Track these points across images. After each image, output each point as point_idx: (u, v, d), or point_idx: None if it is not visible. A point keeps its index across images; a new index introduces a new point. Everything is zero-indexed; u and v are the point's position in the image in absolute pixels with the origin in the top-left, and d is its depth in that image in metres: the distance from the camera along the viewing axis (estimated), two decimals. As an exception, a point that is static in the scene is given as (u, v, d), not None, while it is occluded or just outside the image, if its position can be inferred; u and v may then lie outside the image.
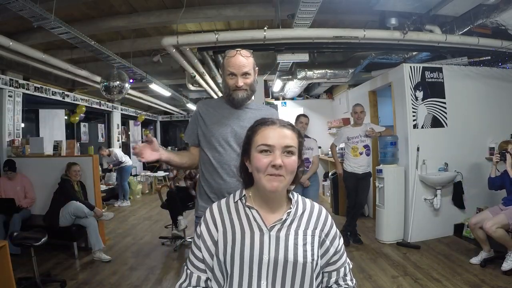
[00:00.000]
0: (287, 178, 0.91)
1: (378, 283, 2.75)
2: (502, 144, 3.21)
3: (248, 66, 1.44)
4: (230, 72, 1.43)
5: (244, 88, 1.44)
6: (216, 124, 1.47)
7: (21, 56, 3.78)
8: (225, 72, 1.46)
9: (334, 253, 0.96)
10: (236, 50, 1.44)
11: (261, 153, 0.91)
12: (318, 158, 3.77)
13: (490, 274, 2.75)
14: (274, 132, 0.92)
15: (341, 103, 6.27)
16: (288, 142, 0.91)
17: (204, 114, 1.51)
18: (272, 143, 0.90)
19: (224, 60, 1.47)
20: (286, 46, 3.66)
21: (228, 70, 1.43)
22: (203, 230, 0.97)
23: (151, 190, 8.19)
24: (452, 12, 3.08)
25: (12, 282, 2.33)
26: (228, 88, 1.46)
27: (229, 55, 1.43)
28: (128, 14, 3.40)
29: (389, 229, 3.76)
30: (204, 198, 1.50)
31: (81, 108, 6.36)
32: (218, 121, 1.48)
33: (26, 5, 2.29)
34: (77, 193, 3.64)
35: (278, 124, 0.94)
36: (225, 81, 1.47)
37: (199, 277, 0.95)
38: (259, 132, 0.94)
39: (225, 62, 1.46)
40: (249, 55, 1.45)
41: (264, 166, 0.90)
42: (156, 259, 3.50)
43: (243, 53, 1.43)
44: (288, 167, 0.90)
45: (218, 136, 1.46)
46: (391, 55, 4.05)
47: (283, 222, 0.93)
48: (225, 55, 1.47)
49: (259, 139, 0.93)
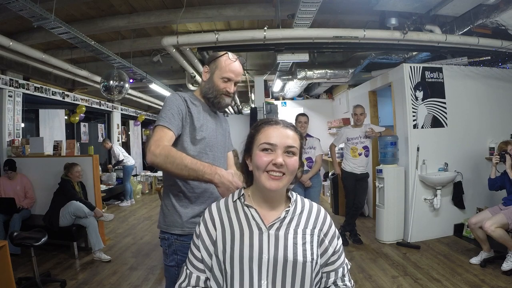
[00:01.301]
0: (287, 177, 0.92)
1: (378, 283, 2.75)
2: (501, 145, 3.20)
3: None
4: (226, 77, 1.35)
5: (231, 96, 1.40)
6: (205, 125, 1.34)
7: (21, 56, 3.78)
8: (218, 73, 1.35)
9: (332, 253, 0.96)
10: (235, 56, 1.38)
11: (263, 151, 0.92)
12: (322, 157, 3.67)
13: (490, 274, 2.75)
14: (277, 131, 0.93)
15: (341, 103, 6.28)
16: (291, 143, 0.92)
17: (193, 111, 1.33)
18: (274, 142, 0.91)
19: (220, 60, 1.36)
20: (286, 46, 3.66)
21: (226, 74, 1.35)
22: (202, 230, 0.97)
23: (151, 190, 8.19)
24: (452, 12, 3.08)
25: (12, 282, 2.33)
26: (216, 90, 1.35)
27: (230, 58, 1.36)
28: (128, 14, 3.39)
29: (389, 229, 3.76)
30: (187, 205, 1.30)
31: (81, 108, 6.36)
32: (207, 123, 1.35)
33: (26, 5, 2.28)
34: (78, 193, 3.64)
35: (281, 125, 0.95)
36: (213, 81, 1.36)
37: (198, 277, 0.96)
38: (262, 131, 0.95)
39: (222, 63, 1.35)
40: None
41: (265, 164, 0.91)
42: (156, 259, 3.50)
43: (240, 61, 1.39)
44: (290, 166, 0.91)
45: (209, 140, 1.35)
46: (391, 55, 4.05)
47: (282, 220, 0.94)
48: (219, 55, 1.37)
49: (262, 138, 0.94)
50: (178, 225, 1.29)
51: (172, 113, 1.26)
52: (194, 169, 1.12)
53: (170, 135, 1.23)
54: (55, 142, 4.30)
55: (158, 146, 1.17)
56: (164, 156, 1.15)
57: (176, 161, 1.14)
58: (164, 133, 1.22)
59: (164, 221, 1.33)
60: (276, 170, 0.90)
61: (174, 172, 1.16)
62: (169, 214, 1.31)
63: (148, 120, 10.49)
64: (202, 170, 1.13)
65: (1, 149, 4.34)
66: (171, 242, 1.29)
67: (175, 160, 1.14)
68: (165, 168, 1.16)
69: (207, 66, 1.40)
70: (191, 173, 1.13)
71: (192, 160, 1.14)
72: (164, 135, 1.21)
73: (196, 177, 1.14)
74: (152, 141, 1.20)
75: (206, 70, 1.40)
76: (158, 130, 1.23)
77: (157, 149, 1.16)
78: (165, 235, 1.32)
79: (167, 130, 1.23)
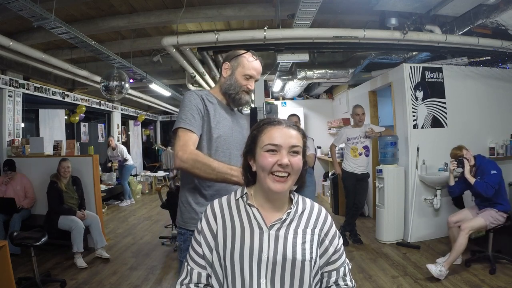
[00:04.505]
0: (292, 177, 0.92)
1: (378, 283, 2.75)
2: (455, 151, 3.13)
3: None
4: (248, 74, 1.39)
5: (250, 93, 1.45)
6: (221, 123, 1.36)
7: (21, 56, 3.78)
8: (240, 70, 1.39)
9: (333, 252, 0.97)
10: (257, 55, 1.43)
11: (267, 152, 0.92)
12: (314, 157, 3.70)
13: (490, 274, 2.75)
14: (280, 132, 0.93)
15: (341, 103, 6.28)
16: (294, 142, 0.93)
17: (209, 109, 1.35)
18: (279, 143, 0.92)
19: (242, 58, 1.40)
20: (286, 46, 3.66)
21: (248, 71, 1.39)
22: (204, 225, 0.98)
23: (151, 190, 8.19)
24: (452, 12, 3.08)
25: (12, 282, 2.33)
26: (238, 87, 1.39)
27: (253, 56, 1.41)
28: (128, 14, 3.40)
29: (389, 229, 3.76)
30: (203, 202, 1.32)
31: (81, 108, 6.37)
32: (223, 121, 1.37)
33: (26, 5, 2.29)
34: (65, 193, 3.51)
35: (284, 125, 0.95)
36: (235, 78, 1.39)
37: (200, 274, 0.96)
38: (265, 131, 0.95)
39: (244, 61, 1.40)
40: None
41: (270, 165, 0.91)
42: (156, 259, 3.50)
43: (260, 60, 1.44)
44: (294, 166, 0.91)
45: (226, 138, 1.36)
46: (391, 55, 4.05)
47: (283, 221, 0.94)
48: (241, 53, 1.41)
49: (265, 139, 0.94)
50: (194, 222, 1.31)
51: (192, 113, 1.29)
52: (221, 172, 1.16)
53: (194, 138, 1.26)
54: (55, 142, 4.30)
55: (185, 152, 1.21)
56: (192, 161, 1.19)
57: (203, 166, 1.18)
58: (189, 136, 1.25)
59: (181, 218, 1.36)
60: (281, 170, 0.91)
61: (202, 176, 1.20)
62: (185, 211, 1.35)
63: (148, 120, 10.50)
64: (229, 173, 1.17)
65: (1, 149, 4.34)
66: (186, 238, 1.32)
67: (202, 165, 1.18)
68: (193, 172, 1.20)
69: (227, 63, 1.42)
70: (219, 176, 1.17)
71: (219, 164, 1.18)
72: (188, 139, 1.24)
73: (224, 180, 1.17)
74: (178, 146, 1.23)
75: (226, 67, 1.42)
76: (182, 134, 1.25)
77: (184, 154, 1.20)
78: (181, 230, 1.35)
79: (191, 133, 1.26)
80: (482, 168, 2.97)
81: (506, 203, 2.90)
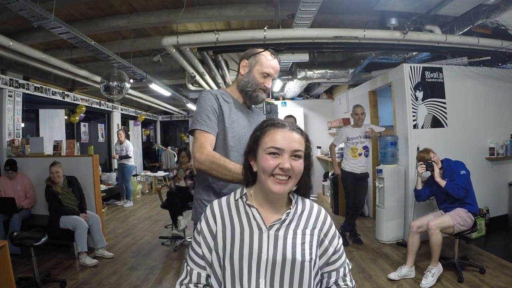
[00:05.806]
0: (292, 180, 0.92)
1: (378, 283, 2.75)
2: (422, 154, 3.08)
3: None
4: (266, 72, 1.41)
5: (267, 91, 1.46)
6: (236, 123, 1.39)
7: (21, 56, 3.78)
8: (258, 68, 1.40)
9: (333, 252, 0.97)
10: (274, 55, 1.44)
11: (269, 155, 0.92)
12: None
13: (490, 275, 2.75)
14: (283, 135, 0.93)
15: (341, 103, 6.27)
16: (297, 147, 0.92)
17: (224, 109, 1.37)
18: (281, 146, 0.91)
19: (261, 56, 1.42)
20: (286, 46, 3.66)
21: (266, 69, 1.41)
22: (203, 226, 0.98)
23: (151, 190, 8.19)
24: (452, 12, 3.08)
25: (12, 282, 2.33)
26: (255, 84, 1.41)
27: (271, 55, 1.43)
28: (128, 14, 3.40)
29: (389, 229, 3.76)
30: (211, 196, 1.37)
31: (81, 108, 6.36)
32: (238, 120, 1.39)
33: (26, 5, 2.29)
34: (62, 195, 3.50)
35: (288, 128, 0.95)
36: (253, 76, 1.41)
37: (200, 274, 0.96)
38: (268, 133, 0.95)
39: (263, 59, 1.41)
40: None
41: (272, 168, 0.91)
42: (156, 259, 3.50)
43: (278, 60, 1.46)
44: (296, 169, 0.91)
45: (240, 137, 1.37)
46: (391, 55, 4.05)
47: (282, 222, 0.94)
48: (260, 51, 1.43)
49: (268, 141, 0.93)
50: None
51: (207, 114, 1.32)
52: (238, 173, 1.18)
53: (211, 138, 1.30)
54: (55, 142, 4.30)
55: (202, 153, 1.24)
56: (209, 163, 1.23)
57: (220, 167, 1.21)
58: (205, 138, 1.28)
59: (195, 213, 1.41)
60: (282, 174, 0.91)
61: (219, 177, 1.23)
62: (199, 207, 1.38)
63: (148, 120, 10.50)
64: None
65: (1, 149, 4.34)
66: None
67: (219, 167, 1.21)
68: (210, 173, 1.24)
69: (246, 61, 1.43)
70: (235, 177, 1.19)
71: (235, 165, 1.20)
72: (205, 141, 1.28)
73: (240, 181, 1.19)
74: (195, 148, 1.27)
75: (244, 64, 1.43)
76: (199, 136, 1.29)
77: (201, 156, 1.24)
78: (196, 225, 1.39)
79: (207, 134, 1.29)
80: (451, 170, 2.95)
81: (475, 204, 2.88)
